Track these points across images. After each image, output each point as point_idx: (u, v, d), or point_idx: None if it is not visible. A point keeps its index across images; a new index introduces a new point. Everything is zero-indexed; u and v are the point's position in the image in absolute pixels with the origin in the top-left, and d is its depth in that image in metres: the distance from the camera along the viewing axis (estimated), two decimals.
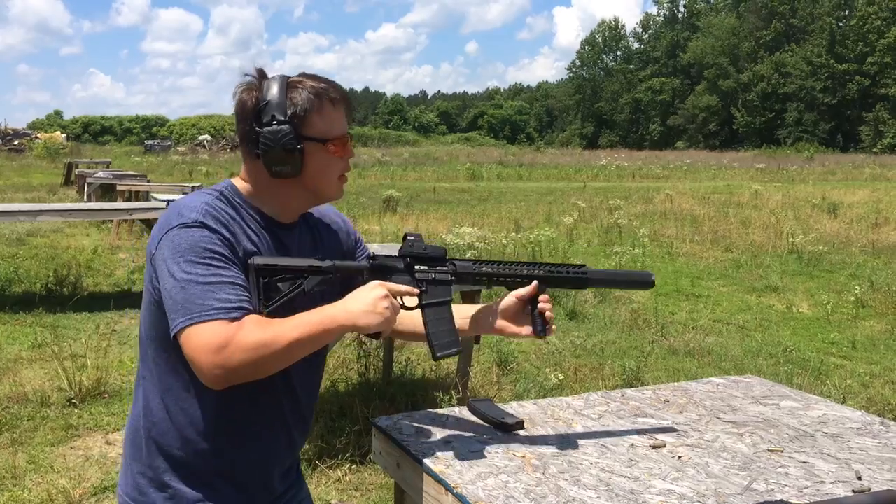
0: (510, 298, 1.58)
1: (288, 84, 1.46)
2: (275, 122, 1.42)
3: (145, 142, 48.46)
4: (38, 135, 43.73)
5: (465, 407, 1.82)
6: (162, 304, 1.37)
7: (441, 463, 1.50)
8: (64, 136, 45.78)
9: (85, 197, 13.89)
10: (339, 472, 3.53)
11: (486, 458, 1.53)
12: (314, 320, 1.36)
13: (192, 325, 1.31)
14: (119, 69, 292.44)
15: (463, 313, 1.64)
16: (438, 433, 1.66)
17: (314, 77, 1.50)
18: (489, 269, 1.57)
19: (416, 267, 1.53)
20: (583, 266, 1.61)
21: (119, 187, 12.03)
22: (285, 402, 1.54)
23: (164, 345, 1.42)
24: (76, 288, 7.06)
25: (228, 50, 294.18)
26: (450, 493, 1.41)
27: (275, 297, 1.44)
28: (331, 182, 1.52)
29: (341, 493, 3.39)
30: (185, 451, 1.46)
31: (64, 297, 6.69)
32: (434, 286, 1.53)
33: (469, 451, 1.56)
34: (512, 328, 1.58)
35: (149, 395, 1.48)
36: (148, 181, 14.06)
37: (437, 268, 1.54)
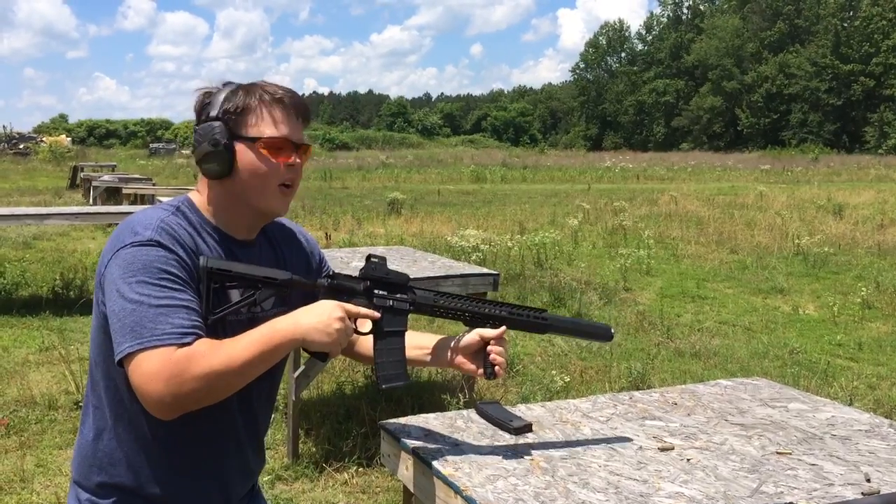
0: (474, 336, 1.52)
1: (238, 87, 1.42)
2: (208, 121, 1.39)
3: (150, 145, 48.66)
4: (44, 138, 43.91)
5: (473, 409, 1.83)
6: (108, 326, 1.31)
7: (450, 466, 1.50)
8: (69, 139, 45.96)
9: (91, 200, 13.94)
10: (345, 475, 3.53)
11: (495, 460, 1.54)
12: (264, 338, 1.30)
13: (140, 350, 1.23)
14: (125, 73, 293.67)
15: (422, 343, 1.60)
16: (447, 436, 1.66)
17: (268, 82, 1.44)
18: (448, 304, 1.51)
19: (376, 291, 1.47)
20: (544, 311, 1.56)
21: (125, 191, 12.10)
22: (241, 423, 1.49)
23: (114, 370, 1.35)
24: (82, 291, 7.07)
25: (234, 53, 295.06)
26: (459, 496, 1.41)
27: (223, 304, 1.39)
28: (265, 189, 1.41)
29: (348, 495, 3.40)
30: (137, 480, 1.41)
31: (70, 301, 6.71)
32: (390, 314, 1.47)
33: (478, 453, 1.57)
34: (468, 365, 1.54)
35: (99, 423, 1.42)
36: (153, 184, 14.11)
37: (397, 295, 1.48)
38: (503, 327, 1.52)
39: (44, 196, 17.31)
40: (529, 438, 1.67)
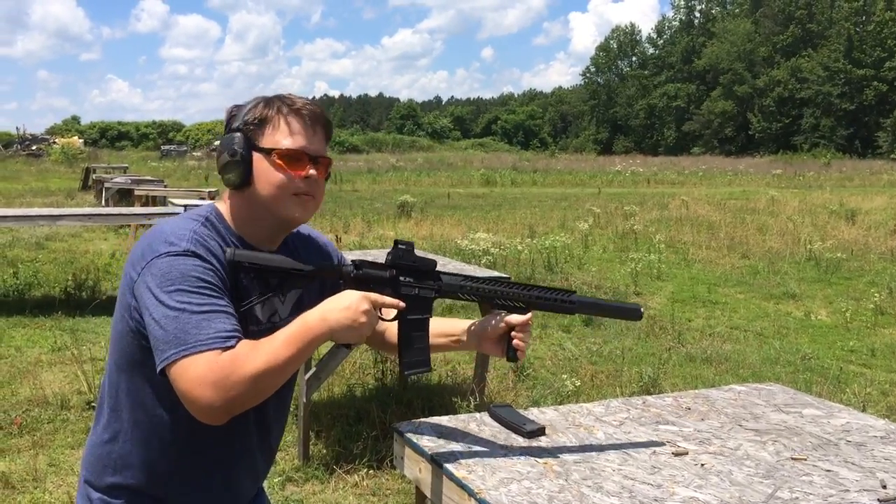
0: (501, 323, 1.54)
1: (263, 99, 1.45)
2: (230, 131, 1.43)
3: (162, 147, 48.83)
4: (56, 140, 44.16)
5: (486, 412, 1.83)
6: (140, 333, 1.33)
7: (463, 468, 1.50)
8: (81, 141, 46.20)
9: (103, 202, 14.01)
10: (356, 477, 3.53)
11: (508, 463, 1.53)
12: (298, 334, 1.31)
13: (186, 356, 1.25)
14: (137, 75, 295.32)
15: (447, 330, 1.62)
16: (460, 438, 1.66)
17: (294, 95, 1.47)
18: (475, 288, 1.52)
19: (402, 279, 1.47)
20: (572, 292, 1.56)
21: (136, 192, 12.14)
22: (256, 435, 1.52)
23: (138, 376, 1.38)
24: (94, 292, 7.11)
25: (246, 56, 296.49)
26: (473, 499, 1.41)
27: (246, 296, 1.42)
28: (281, 198, 1.42)
29: (358, 497, 3.40)
30: (150, 483, 1.43)
31: (83, 301, 6.74)
32: (415, 302, 1.48)
33: (491, 456, 1.57)
34: (494, 349, 1.57)
35: (115, 426, 1.43)
36: (165, 186, 14.16)
37: (423, 283, 1.49)
38: (528, 315, 1.53)
39: (56, 197, 17.42)
40: (542, 442, 1.66)
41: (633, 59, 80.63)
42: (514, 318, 1.53)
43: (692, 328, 6.72)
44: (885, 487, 1.47)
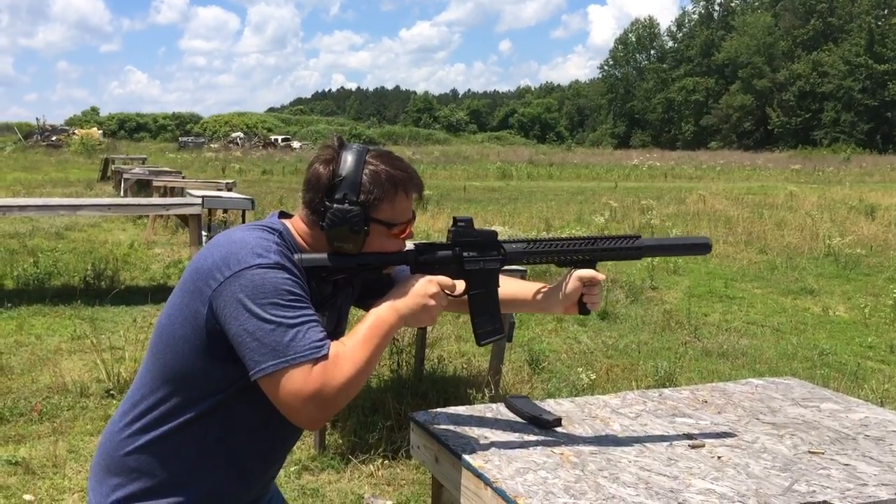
0: (575, 282, 1.61)
1: (365, 162, 1.45)
2: (346, 203, 1.43)
3: (180, 138, 49.12)
4: (76, 131, 44.50)
5: (503, 403, 1.84)
6: (211, 341, 1.36)
7: (480, 458, 1.51)
8: (100, 132, 46.55)
9: (122, 192, 14.11)
10: (371, 467, 3.55)
11: (524, 453, 1.54)
12: (374, 331, 1.39)
13: (283, 368, 1.30)
14: (156, 67, 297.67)
15: (519, 295, 1.68)
16: (476, 428, 1.67)
17: (390, 159, 1.49)
18: (539, 250, 1.59)
19: (466, 255, 1.53)
20: (636, 237, 1.62)
21: (155, 183, 12.22)
22: (290, 438, 1.59)
23: (197, 383, 1.41)
24: (113, 282, 7.17)
25: (264, 48, 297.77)
26: (489, 488, 1.42)
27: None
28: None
29: (374, 487, 3.42)
30: (183, 482, 1.45)
31: (102, 291, 6.80)
32: (482, 275, 1.55)
33: (508, 446, 1.58)
34: (569, 308, 1.64)
35: (148, 424, 1.45)
36: (183, 177, 14.23)
37: (487, 255, 1.55)
38: (600, 276, 1.62)
39: (75, 188, 17.56)
40: (559, 433, 1.67)
41: (652, 52, 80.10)
42: (584, 274, 1.61)
43: (708, 323, 6.68)
44: None
